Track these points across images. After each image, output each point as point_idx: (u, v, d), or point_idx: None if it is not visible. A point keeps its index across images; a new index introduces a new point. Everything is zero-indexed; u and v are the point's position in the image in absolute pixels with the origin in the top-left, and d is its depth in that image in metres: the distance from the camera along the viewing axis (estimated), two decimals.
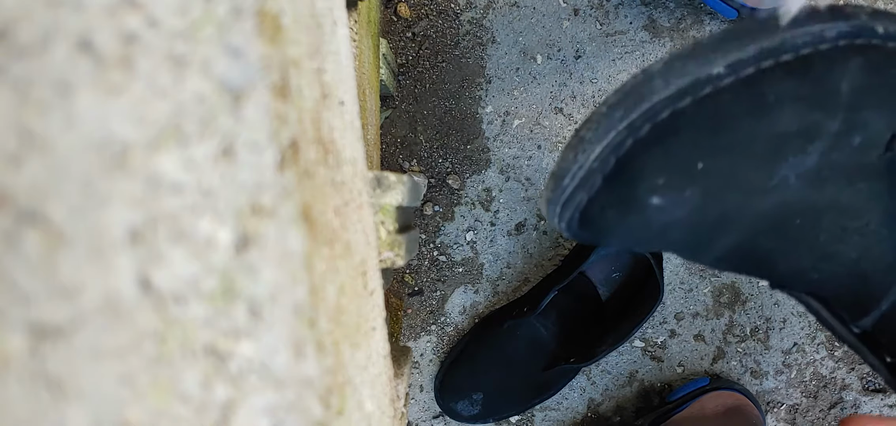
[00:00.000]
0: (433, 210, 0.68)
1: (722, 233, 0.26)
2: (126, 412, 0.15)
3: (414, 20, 0.67)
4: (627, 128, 0.23)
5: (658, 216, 0.24)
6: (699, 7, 0.66)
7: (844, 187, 0.26)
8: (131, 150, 0.15)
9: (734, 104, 0.23)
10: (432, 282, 0.69)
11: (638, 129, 0.23)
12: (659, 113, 0.23)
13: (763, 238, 0.27)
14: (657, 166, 0.23)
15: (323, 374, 0.17)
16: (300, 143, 0.17)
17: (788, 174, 0.25)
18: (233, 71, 0.15)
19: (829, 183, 0.26)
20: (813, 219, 0.26)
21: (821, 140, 0.25)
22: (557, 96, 0.67)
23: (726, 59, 0.23)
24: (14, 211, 0.15)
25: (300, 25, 0.18)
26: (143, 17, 0.15)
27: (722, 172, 0.24)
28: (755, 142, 0.24)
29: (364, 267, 0.24)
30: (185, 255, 0.15)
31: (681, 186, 0.24)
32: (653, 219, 0.25)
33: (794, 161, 0.25)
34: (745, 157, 0.24)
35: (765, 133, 0.24)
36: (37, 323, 0.15)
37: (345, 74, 0.25)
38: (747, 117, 0.24)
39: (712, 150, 0.24)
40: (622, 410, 0.70)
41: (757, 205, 0.26)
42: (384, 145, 0.67)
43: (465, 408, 0.66)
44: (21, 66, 0.14)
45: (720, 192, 0.25)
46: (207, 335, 0.16)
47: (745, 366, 0.69)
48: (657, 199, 0.24)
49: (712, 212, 0.25)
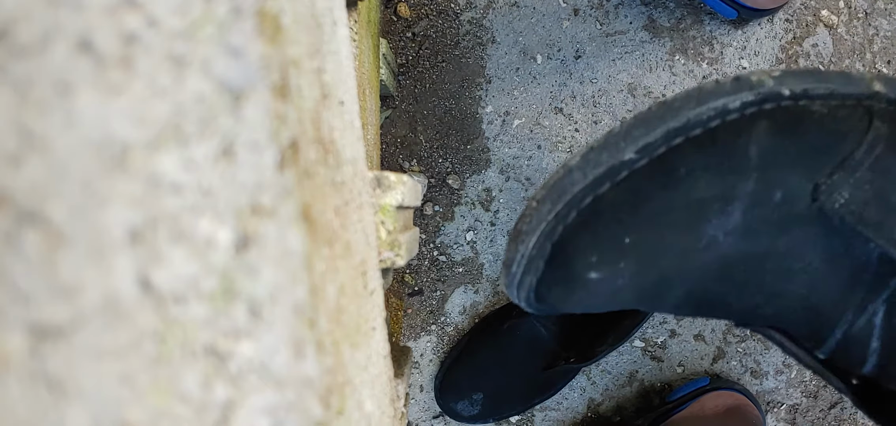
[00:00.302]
0: (433, 210, 0.68)
1: (668, 289, 0.29)
2: (126, 412, 0.15)
3: (414, 20, 0.67)
4: (555, 217, 0.26)
5: (601, 287, 0.28)
6: (699, 7, 0.66)
7: (778, 236, 0.27)
8: (131, 150, 0.15)
9: (649, 182, 0.26)
10: (432, 282, 0.69)
11: (565, 216, 0.26)
12: (582, 200, 0.26)
13: (711, 285, 0.29)
14: (587, 246, 0.26)
15: (323, 374, 0.17)
16: (300, 143, 0.17)
17: (716, 233, 0.27)
18: (233, 71, 0.15)
19: (760, 234, 0.27)
20: (755, 264, 0.28)
21: (739, 201, 0.27)
22: (557, 96, 0.67)
23: (636, 145, 0.25)
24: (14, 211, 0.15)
25: (300, 25, 0.18)
26: (143, 17, 0.15)
27: (649, 242, 0.27)
28: (674, 211, 0.26)
29: (364, 267, 0.24)
30: (185, 255, 0.15)
31: (614, 260, 0.27)
32: (597, 290, 0.28)
33: (718, 222, 0.27)
34: (667, 226, 0.27)
35: (682, 202, 0.26)
36: (37, 323, 0.15)
37: (345, 74, 0.25)
38: (662, 191, 0.26)
39: (635, 225, 0.26)
40: (622, 410, 0.70)
41: (694, 261, 0.28)
42: (384, 145, 0.67)
43: (465, 408, 0.66)
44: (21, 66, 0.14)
45: (653, 258, 0.27)
46: (207, 335, 0.16)
47: (745, 366, 0.69)
48: (594, 274, 0.27)
49: (651, 275, 0.28)
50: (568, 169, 0.26)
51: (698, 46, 0.66)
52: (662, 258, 0.27)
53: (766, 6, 0.62)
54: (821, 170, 0.27)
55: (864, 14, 0.67)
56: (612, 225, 0.26)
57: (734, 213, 0.27)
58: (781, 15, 0.67)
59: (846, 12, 0.67)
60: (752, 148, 0.26)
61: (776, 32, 0.66)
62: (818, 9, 0.67)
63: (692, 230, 0.27)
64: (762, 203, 0.27)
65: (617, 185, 0.26)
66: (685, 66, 0.67)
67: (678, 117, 0.25)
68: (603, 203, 0.26)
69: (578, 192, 0.26)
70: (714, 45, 0.66)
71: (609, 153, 0.25)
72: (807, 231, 0.27)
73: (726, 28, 0.66)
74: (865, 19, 0.67)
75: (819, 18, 0.67)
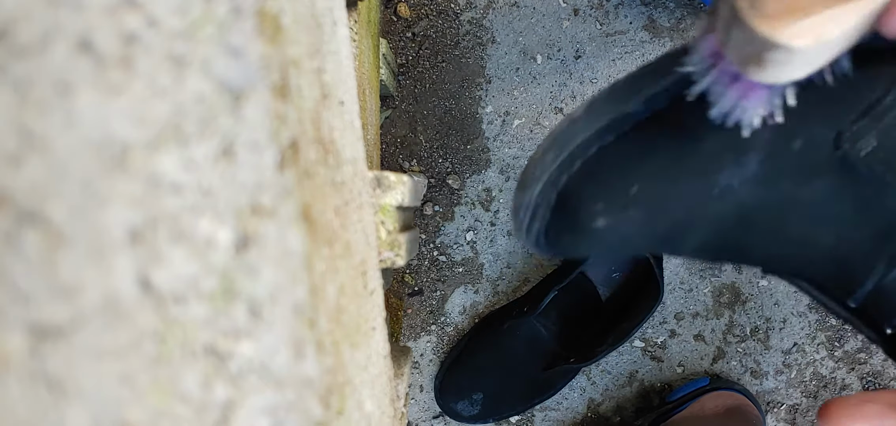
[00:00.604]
0: (433, 210, 0.68)
1: (683, 236, 0.28)
2: (126, 412, 0.15)
3: (414, 20, 0.67)
4: (559, 167, 0.26)
5: (609, 235, 0.27)
6: (699, 7, 0.66)
7: (801, 185, 0.26)
8: (131, 150, 0.15)
9: (657, 133, 0.25)
10: (432, 282, 0.69)
11: (569, 166, 0.26)
12: (587, 150, 0.26)
13: (731, 233, 0.28)
14: (593, 195, 0.26)
15: (323, 374, 0.17)
16: (300, 143, 0.17)
17: (731, 182, 0.26)
18: (233, 71, 0.15)
19: (781, 183, 0.26)
20: (775, 212, 0.27)
21: (754, 151, 0.25)
22: (557, 96, 0.67)
23: (640, 97, 0.25)
24: (14, 211, 0.15)
25: (300, 25, 0.18)
26: (143, 17, 0.15)
27: (657, 192, 0.26)
28: (682, 163, 0.26)
29: (364, 267, 0.24)
30: (185, 255, 0.15)
31: (620, 209, 0.26)
32: (605, 238, 0.27)
33: (731, 171, 0.26)
34: (676, 176, 0.26)
35: (690, 155, 0.26)
36: (37, 323, 0.15)
37: (345, 74, 0.25)
38: (671, 142, 0.25)
39: (642, 175, 0.26)
40: (622, 410, 0.70)
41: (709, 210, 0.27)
42: (384, 145, 0.67)
43: (465, 408, 0.66)
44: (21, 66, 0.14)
45: (662, 207, 0.27)
46: (207, 335, 0.16)
47: (745, 366, 0.69)
48: (601, 221, 0.27)
49: (662, 223, 0.27)
50: (572, 119, 0.26)
51: None
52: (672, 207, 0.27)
53: None
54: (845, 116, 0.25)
55: None
56: (617, 174, 0.26)
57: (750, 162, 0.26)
58: None
59: None
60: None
61: None
62: None
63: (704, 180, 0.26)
64: (780, 152, 0.25)
65: (623, 135, 0.25)
66: None
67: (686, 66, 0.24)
68: (608, 153, 0.26)
69: (581, 141, 0.25)
70: None
71: (613, 104, 0.25)
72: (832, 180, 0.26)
73: None
74: None
75: None
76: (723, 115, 0.24)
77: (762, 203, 0.27)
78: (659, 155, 0.26)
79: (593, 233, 0.27)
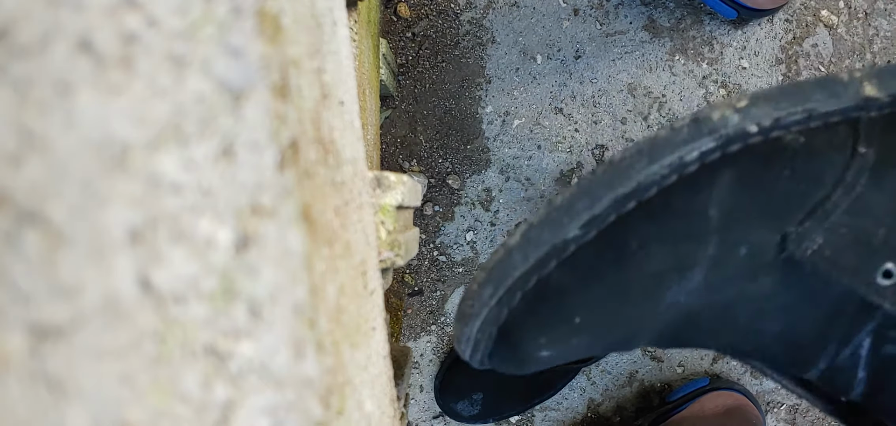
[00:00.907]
0: (433, 210, 0.68)
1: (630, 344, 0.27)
2: (126, 412, 0.15)
3: (414, 20, 0.67)
4: (498, 303, 0.24)
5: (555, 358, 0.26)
6: (699, 7, 0.66)
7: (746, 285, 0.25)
8: (131, 150, 0.15)
9: (598, 259, 0.24)
10: (432, 282, 0.69)
11: (509, 301, 0.24)
12: (526, 283, 0.24)
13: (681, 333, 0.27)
14: (535, 329, 0.25)
15: (323, 374, 0.17)
16: (300, 143, 0.17)
17: (677, 298, 0.25)
18: (233, 71, 0.15)
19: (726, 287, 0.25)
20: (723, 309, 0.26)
21: (699, 266, 0.24)
22: (557, 96, 0.67)
23: (579, 220, 0.23)
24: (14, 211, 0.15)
25: (300, 25, 0.18)
26: (143, 17, 0.15)
27: (602, 319, 0.25)
28: (628, 286, 0.24)
29: (364, 267, 0.24)
30: (185, 255, 0.15)
31: (564, 339, 0.25)
32: (552, 360, 0.26)
33: (678, 288, 0.25)
34: (621, 301, 0.25)
35: (635, 277, 0.24)
36: (37, 323, 0.15)
37: (345, 74, 0.25)
38: (613, 267, 0.24)
39: (585, 304, 0.25)
40: (622, 410, 0.70)
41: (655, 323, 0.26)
42: (384, 145, 0.67)
43: (465, 408, 0.66)
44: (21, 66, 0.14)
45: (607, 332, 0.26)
46: (207, 335, 0.16)
47: (744, 367, 0.69)
48: (545, 352, 0.26)
49: (608, 340, 0.26)
50: (508, 250, 0.24)
51: (698, 46, 0.66)
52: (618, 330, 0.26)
53: (766, 6, 0.62)
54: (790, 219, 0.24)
55: (864, 14, 0.67)
56: (560, 307, 0.24)
57: (694, 277, 0.25)
58: (781, 15, 0.67)
59: (846, 12, 0.67)
60: (712, 209, 0.23)
61: (776, 32, 0.66)
62: (818, 9, 0.67)
63: (649, 301, 0.25)
64: (725, 262, 0.24)
65: (563, 263, 0.23)
66: (685, 66, 0.67)
67: (626, 182, 0.22)
68: (549, 284, 0.24)
69: (520, 276, 0.24)
70: (714, 46, 0.66)
71: (551, 231, 0.23)
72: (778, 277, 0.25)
73: (726, 28, 0.66)
74: (865, 19, 0.67)
75: (819, 18, 0.67)
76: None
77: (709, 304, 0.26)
78: (602, 283, 0.24)
79: (538, 360, 0.26)
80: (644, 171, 0.22)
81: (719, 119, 0.22)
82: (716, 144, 0.22)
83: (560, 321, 0.25)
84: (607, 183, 0.23)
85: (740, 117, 0.22)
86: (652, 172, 0.22)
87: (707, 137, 0.22)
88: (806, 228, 0.24)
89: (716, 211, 0.23)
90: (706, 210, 0.23)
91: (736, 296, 0.26)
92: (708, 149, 0.22)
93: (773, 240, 0.24)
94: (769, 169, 0.23)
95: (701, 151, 0.22)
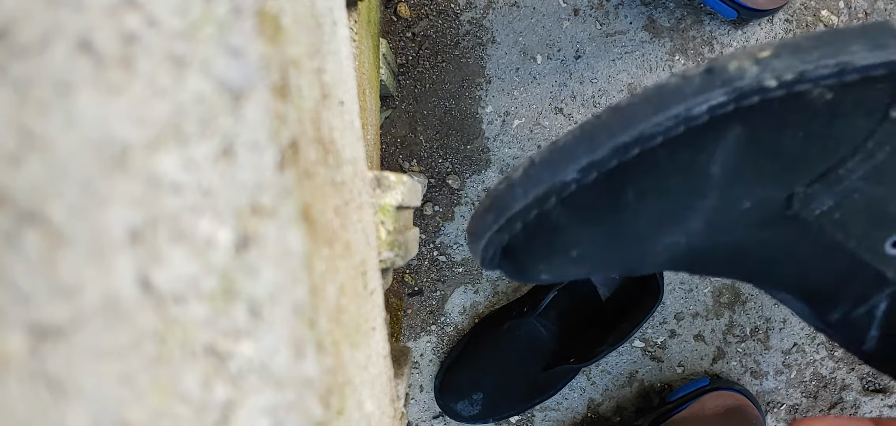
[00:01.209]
0: (433, 210, 0.68)
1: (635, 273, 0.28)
2: (126, 412, 0.15)
3: (414, 20, 0.67)
4: (499, 230, 0.25)
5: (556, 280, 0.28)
6: (699, 7, 0.66)
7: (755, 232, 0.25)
8: (131, 150, 0.15)
9: (596, 201, 0.24)
10: (432, 282, 0.69)
11: (510, 228, 0.25)
12: (527, 214, 0.24)
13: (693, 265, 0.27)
14: (535, 257, 0.26)
15: (323, 374, 0.17)
16: (300, 143, 0.17)
17: (677, 240, 0.25)
18: (233, 71, 0.15)
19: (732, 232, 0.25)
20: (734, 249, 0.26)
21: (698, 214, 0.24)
22: (557, 96, 0.67)
23: (578, 164, 0.22)
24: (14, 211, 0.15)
25: (300, 25, 0.18)
26: (143, 17, 0.15)
27: (598, 256, 0.26)
28: (623, 231, 0.25)
29: (364, 267, 0.24)
30: (185, 255, 0.15)
31: (562, 269, 0.27)
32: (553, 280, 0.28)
33: (675, 233, 0.25)
34: (616, 244, 0.25)
35: (631, 225, 0.24)
36: (37, 323, 0.15)
37: (345, 74, 0.25)
38: (610, 213, 0.24)
39: (582, 242, 0.25)
40: (622, 410, 0.70)
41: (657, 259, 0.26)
42: (384, 145, 0.67)
43: (465, 408, 0.66)
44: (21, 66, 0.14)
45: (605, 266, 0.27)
46: (207, 335, 0.16)
47: (745, 366, 0.69)
48: (545, 275, 0.27)
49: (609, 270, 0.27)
50: (510, 183, 0.24)
51: (698, 47, 0.66)
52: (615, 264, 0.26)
53: (766, 6, 0.62)
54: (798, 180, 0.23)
55: (864, 14, 0.67)
56: (557, 241, 0.25)
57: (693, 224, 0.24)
58: (781, 15, 0.67)
59: (846, 12, 0.67)
60: (714, 167, 0.22)
61: (776, 32, 0.66)
62: (818, 9, 0.67)
63: (645, 243, 0.25)
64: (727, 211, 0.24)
65: (563, 201, 0.24)
66: (685, 66, 0.67)
67: (629, 130, 0.21)
68: (549, 219, 0.24)
69: (519, 209, 0.24)
70: (714, 46, 0.66)
71: (550, 171, 0.23)
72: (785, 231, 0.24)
73: (726, 28, 0.66)
74: (865, 19, 0.67)
75: (819, 18, 0.67)
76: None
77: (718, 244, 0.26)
78: (599, 225, 0.24)
79: (540, 279, 0.27)
80: (648, 120, 0.21)
81: (735, 70, 0.20)
82: (727, 98, 0.20)
83: (557, 253, 0.26)
84: (609, 129, 0.22)
85: (759, 69, 0.20)
86: (656, 123, 0.21)
87: (719, 90, 0.20)
88: (815, 190, 0.23)
89: (718, 168, 0.23)
90: (708, 167, 0.22)
91: (746, 239, 0.25)
92: (718, 102, 0.21)
93: (779, 197, 0.24)
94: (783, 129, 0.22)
95: (710, 105, 0.21)
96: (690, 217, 0.24)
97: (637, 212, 0.24)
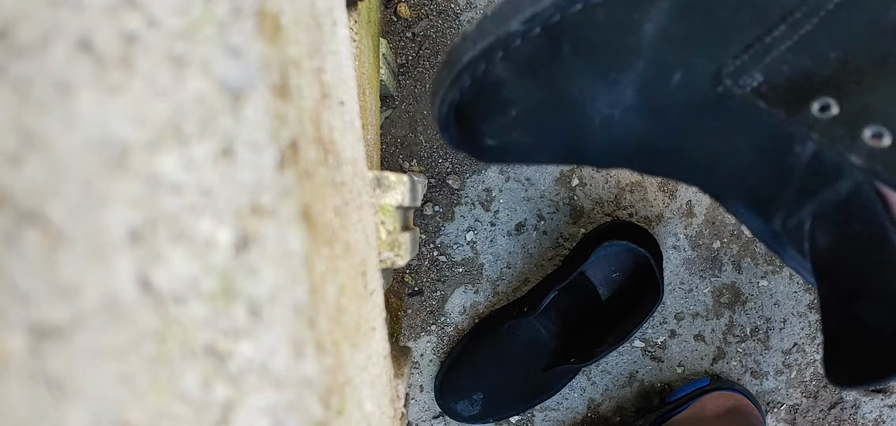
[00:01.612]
0: (433, 210, 0.68)
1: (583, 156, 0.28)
2: (126, 412, 0.15)
3: (414, 20, 0.67)
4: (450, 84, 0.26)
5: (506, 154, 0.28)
6: None
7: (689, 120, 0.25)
8: (131, 150, 0.15)
9: (535, 54, 0.25)
10: (432, 282, 0.69)
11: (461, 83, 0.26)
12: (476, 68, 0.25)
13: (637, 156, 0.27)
14: (479, 115, 0.27)
15: (323, 374, 0.17)
16: (300, 143, 0.17)
17: (611, 111, 0.26)
18: (233, 71, 0.15)
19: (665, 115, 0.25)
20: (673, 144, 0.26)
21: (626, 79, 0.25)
22: None
23: (522, 15, 0.24)
24: (14, 211, 0.15)
25: (300, 25, 0.18)
26: (143, 17, 0.15)
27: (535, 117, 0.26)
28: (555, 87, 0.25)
29: (364, 267, 0.24)
30: (184, 255, 0.15)
31: (503, 131, 0.27)
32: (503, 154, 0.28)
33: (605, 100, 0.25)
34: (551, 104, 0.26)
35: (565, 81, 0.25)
36: (37, 323, 0.15)
37: (345, 74, 0.25)
38: (546, 65, 0.25)
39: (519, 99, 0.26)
40: (622, 410, 0.70)
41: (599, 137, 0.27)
42: (384, 145, 0.67)
43: (465, 408, 0.66)
44: (21, 66, 0.14)
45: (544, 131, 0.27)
46: (207, 335, 0.16)
47: (745, 366, 0.69)
48: (491, 141, 0.27)
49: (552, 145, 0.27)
50: (463, 37, 0.26)
51: None
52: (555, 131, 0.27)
53: None
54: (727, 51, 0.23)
55: None
56: (497, 97, 0.26)
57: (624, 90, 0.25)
58: None
59: None
60: (647, 24, 0.23)
61: None
62: None
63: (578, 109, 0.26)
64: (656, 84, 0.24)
65: (508, 55, 0.25)
66: None
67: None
68: (493, 74, 0.25)
69: (468, 61, 0.25)
70: None
71: (497, 23, 0.24)
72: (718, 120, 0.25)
73: None
74: None
75: None
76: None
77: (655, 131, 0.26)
78: (535, 78, 0.25)
79: (488, 149, 0.28)
80: None
81: None
82: None
83: (497, 111, 0.26)
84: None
85: None
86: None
87: None
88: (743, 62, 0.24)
89: (651, 26, 0.24)
90: (642, 24, 0.24)
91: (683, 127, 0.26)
92: None
93: (708, 70, 0.24)
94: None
95: None
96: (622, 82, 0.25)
97: (571, 66, 0.25)
